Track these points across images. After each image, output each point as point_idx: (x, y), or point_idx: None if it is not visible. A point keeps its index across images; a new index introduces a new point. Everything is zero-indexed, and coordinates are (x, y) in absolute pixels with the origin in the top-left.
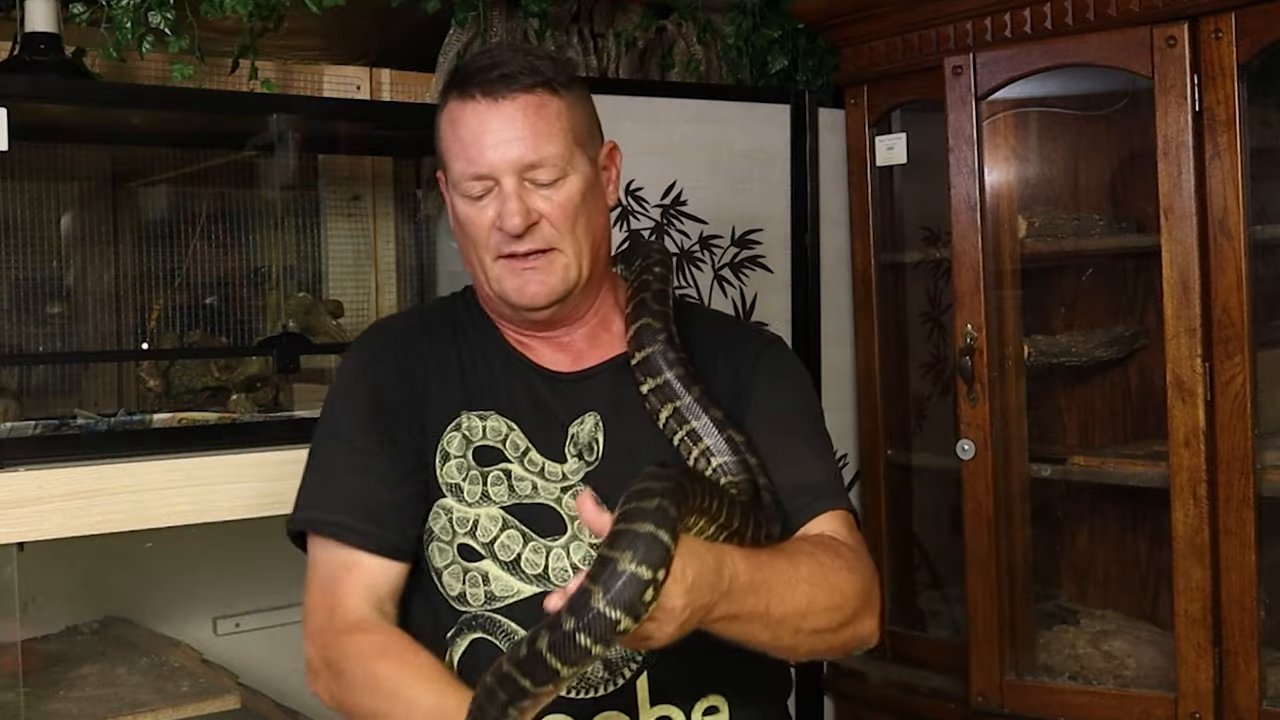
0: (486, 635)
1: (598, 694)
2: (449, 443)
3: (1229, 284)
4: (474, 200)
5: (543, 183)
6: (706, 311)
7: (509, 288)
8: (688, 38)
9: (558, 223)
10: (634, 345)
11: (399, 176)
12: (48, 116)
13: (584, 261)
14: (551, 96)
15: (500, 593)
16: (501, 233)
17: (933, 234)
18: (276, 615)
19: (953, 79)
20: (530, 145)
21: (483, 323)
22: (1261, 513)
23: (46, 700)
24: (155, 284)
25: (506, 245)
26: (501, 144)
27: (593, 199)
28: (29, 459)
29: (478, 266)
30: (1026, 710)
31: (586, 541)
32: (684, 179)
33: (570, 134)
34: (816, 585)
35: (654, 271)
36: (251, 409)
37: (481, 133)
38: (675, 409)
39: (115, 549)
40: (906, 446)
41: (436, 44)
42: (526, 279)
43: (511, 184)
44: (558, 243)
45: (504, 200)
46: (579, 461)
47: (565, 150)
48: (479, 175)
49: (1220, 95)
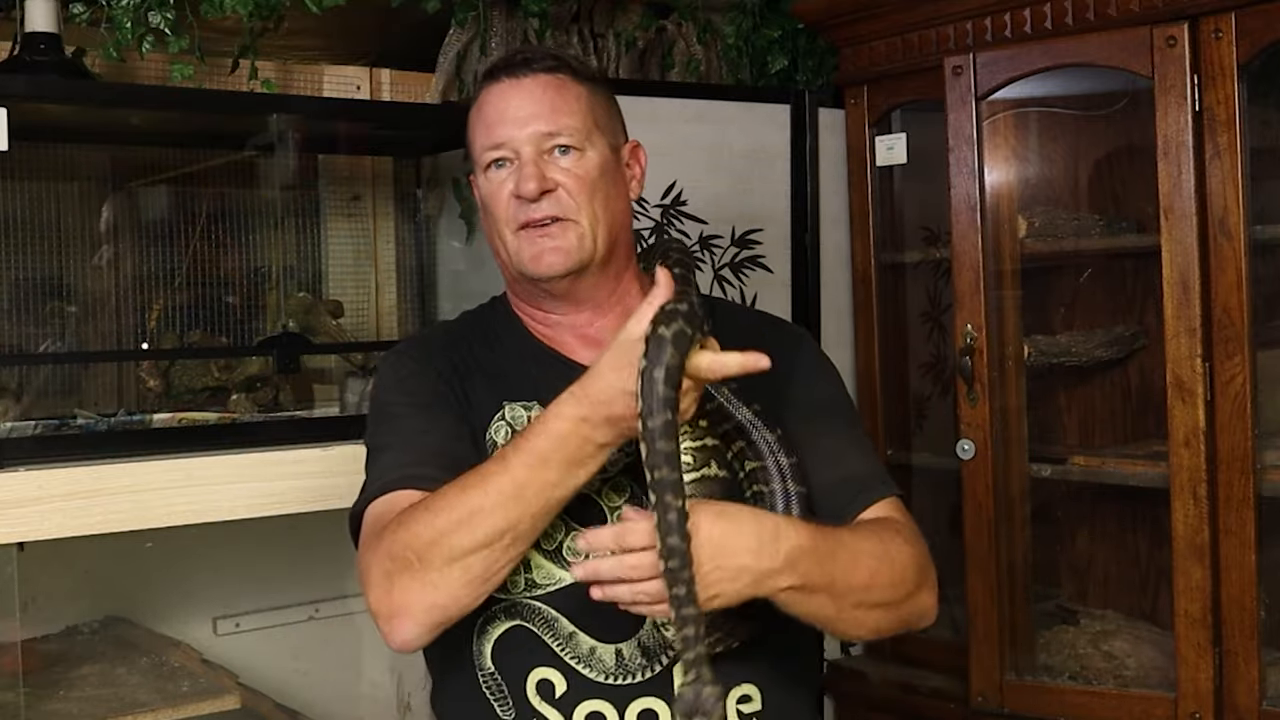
0: (524, 622)
1: (635, 680)
2: (496, 432)
3: (1229, 284)
4: (495, 174)
5: (560, 155)
6: (731, 306)
7: (526, 257)
8: (688, 38)
9: (574, 192)
10: None
11: (399, 176)
12: (48, 116)
13: (599, 234)
14: (572, 80)
15: (542, 580)
16: (519, 200)
17: (933, 234)
18: (276, 615)
19: (953, 79)
20: (548, 117)
21: (513, 324)
22: (1261, 513)
23: (46, 700)
24: (155, 284)
25: (523, 213)
26: (521, 117)
27: (612, 181)
28: (29, 459)
29: (500, 247)
30: (1026, 710)
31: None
32: (684, 179)
33: (589, 114)
34: (878, 559)
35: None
36: (251, 409)
37: (503, 108)
38: (710, 409)
39: (115, 549)
40: (906, 446)
41: (436, 44)
42: (542, 246)
43: (530, 153)
44: (574, 213)
45: (521, 166)
46: (618, 453)
47: (583, 125)
48: (496, 145)
49: (1220, 95)
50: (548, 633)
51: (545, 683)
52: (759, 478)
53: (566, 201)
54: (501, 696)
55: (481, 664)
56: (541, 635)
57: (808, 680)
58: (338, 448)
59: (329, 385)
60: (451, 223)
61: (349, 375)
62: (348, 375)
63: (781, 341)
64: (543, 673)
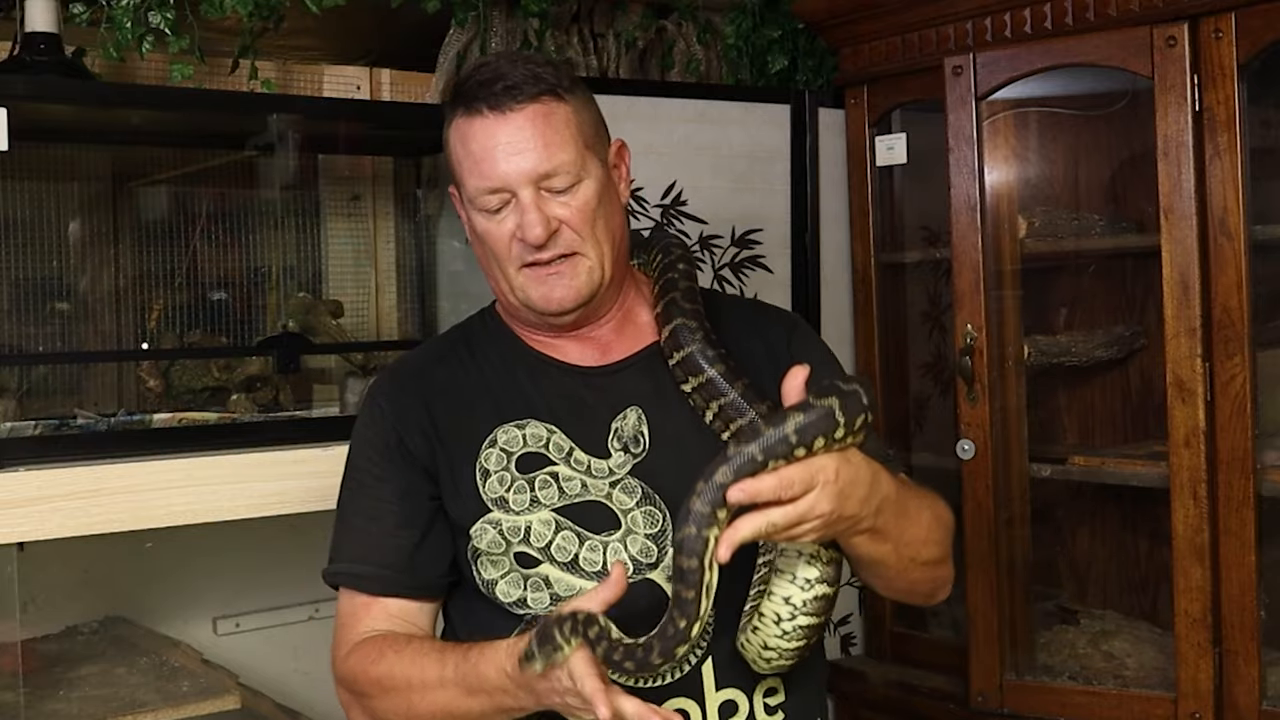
0: None
1: (665, 681)
2: (487, 460)
3: (1229, 284)
4: (492, 214)
5: (558, 190)
6: (727, 298)
7: (534, 296)
8: (688, 38)
9: (578, 227)
10: (671, 345)
11: (399, 176)
12: (48, 116)
13: (606, 262)
14: (558, 103)
15: (564, 593)
16: (523, 243)
17: (933, 234)
18: (276, 615)
19: (953, 79)
20: (543, 155)
21: (501, 335)
22: (1261, 513)
23: (46, 700)
24: (155, 284)
25: (529, 254)
26: (514, 156)
27: (608, 199)
28: (29, 459)
29: (500, 279)
30: (1026, 710)
31: (641, 534)
32: (684, 179)
33: (580, 139)
34: (934, 517)
35: (678, 269)
36: (251, 409)
37: (492, 146)
38: (721, 406)
39: (115, 549)
40: (906, 446)
41: (436, 44)
42: (552, 285)
43: (529, 195)
44: (580, 247)
45: (523, 212)
46: (625, 455)
47: (577, 155)
48: (494, 189)
49: (1220, 95)
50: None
51: None
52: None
53: (571, 237)
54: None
55: None
56: None
57: (818, 677)
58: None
59: (324, 385)
60: (451, 223)
61: (349, 375)
62: (348, 375)
63: (774, 328)
64: None
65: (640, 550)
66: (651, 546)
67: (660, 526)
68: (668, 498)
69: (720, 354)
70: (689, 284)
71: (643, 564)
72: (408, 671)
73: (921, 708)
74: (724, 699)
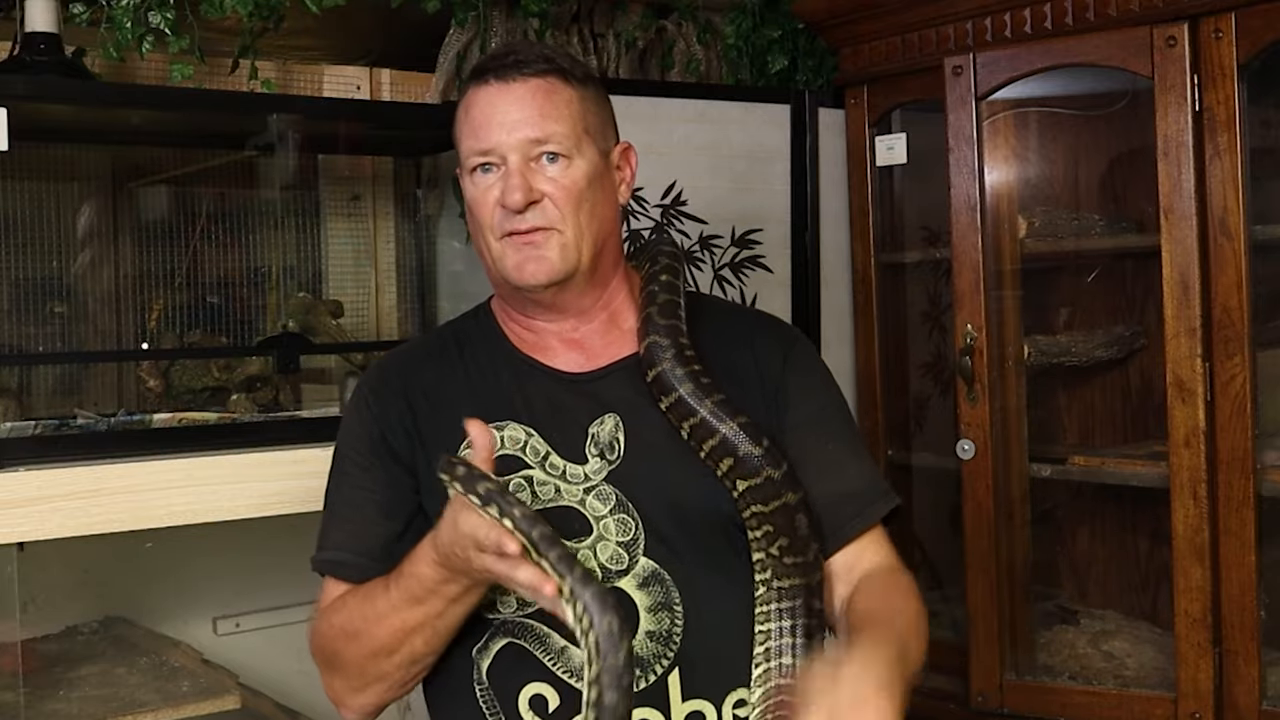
0: (517, 640)
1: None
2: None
3: (1229, 284)
4: (481, 179)
5: (548, 163)
6: (723, 305)
7: (509, 265)
8: (688, 38)
9: (560, 203)
10: (645, 363)
11: (399, 176)
12: (48, 116)
13: (584, 246)
14: (563, 84)
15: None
16: (504, 210)
17: (933, 234)
18: (276, 615)
19: (953, 79)
20: (536, 123)
21: (492, 334)
22: (1261, 513)
23: (46, 700)
24: (155, 284)
25: (508, 222)
26: (508, 122)
27: (600, 189)
28: (29, 459)
29: (484, 250)
30: (1026, 710)
31: (613, 541)
32: (684, 179)
33: (579, 121)
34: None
35: (660, 280)
36: (251, 409)
37: (491, 112)
38: (691, 427)
39: (115, 549)
40: (906, 446)
41: (436, 44)
42: (525, 255)
43: (516, 161)
44: (558, 223)
45: (508, 177)
46: (600, 461)
47: (571, 132)
48: (484, 150)
49: (1220, 95)
50: (539, 648)
51: (539, 698)
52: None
53: (552, 212)
54: (495, 712)
55: (479, 678)
56: (534, 651)
57: None
58: None
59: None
60: (451, 223)
61: (349, 375)
62: (347, 375)
63: (768, 341)
64: (536, 688)
65: (610, 557)
66: (622, 554)
67: (632, 535)
68: (641, 506)
69: (690, 372)
70: (668, 296)
71: (611, 571)
72: (362, 609)
73: (921, 708)
74: (690, 709)
